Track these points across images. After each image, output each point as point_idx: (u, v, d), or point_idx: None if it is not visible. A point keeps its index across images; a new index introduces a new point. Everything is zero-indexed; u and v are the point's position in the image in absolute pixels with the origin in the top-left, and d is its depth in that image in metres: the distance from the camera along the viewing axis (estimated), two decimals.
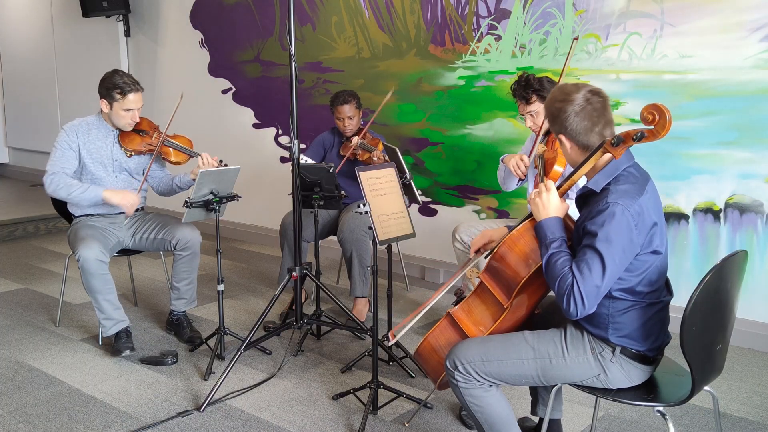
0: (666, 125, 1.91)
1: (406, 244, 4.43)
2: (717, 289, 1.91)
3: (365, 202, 2.58)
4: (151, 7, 6.41)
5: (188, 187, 3.57)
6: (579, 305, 1.89)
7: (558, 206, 2.06)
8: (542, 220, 2.05)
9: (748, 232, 3.53)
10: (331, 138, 4.20)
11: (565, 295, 1.91)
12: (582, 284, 1.89)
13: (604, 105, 2.03)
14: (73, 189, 3.37)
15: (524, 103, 3.25)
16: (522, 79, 3.25)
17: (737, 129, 3.49)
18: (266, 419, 2.80)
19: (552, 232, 2.01)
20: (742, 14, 3.41)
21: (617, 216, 1.89)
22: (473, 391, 2.10)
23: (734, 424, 2.79)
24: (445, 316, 2.29)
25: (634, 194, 1.93)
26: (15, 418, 2.79)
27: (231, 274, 4.89)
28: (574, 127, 2.02)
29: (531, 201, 2.12)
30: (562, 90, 2.06)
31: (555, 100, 2.06)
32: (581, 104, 2.01)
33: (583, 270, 1.90)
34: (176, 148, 3.57)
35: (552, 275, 1.96)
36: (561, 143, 2.10)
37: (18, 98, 8.37)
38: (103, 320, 3.35)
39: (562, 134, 2.06)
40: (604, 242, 1.88)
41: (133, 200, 3.44)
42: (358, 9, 4.87)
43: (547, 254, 1.99)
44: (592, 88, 2.04)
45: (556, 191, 2.08)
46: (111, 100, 3.41)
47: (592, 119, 2.01)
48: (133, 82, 3.42)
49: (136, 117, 3.48)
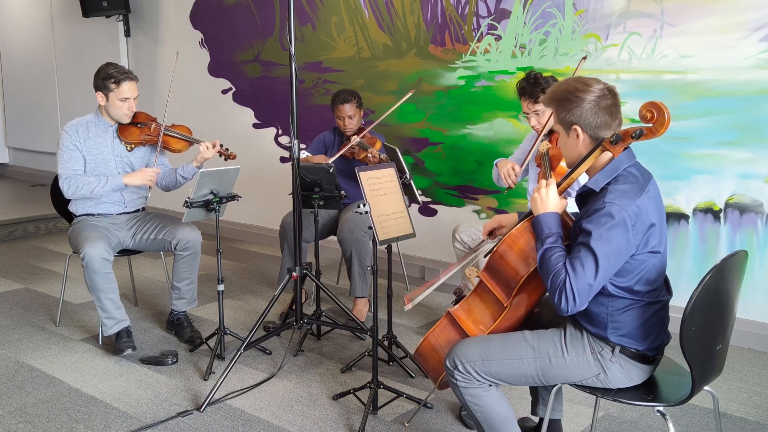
0: (665, 123, 1.90)
1: (406, 244, 4.43)
2: (717, 289, 1.91)
3: (365, 202, 2.58)
4: (151, 7, 6.41)
5: (192, 176, 3.59)
6: (570, 302, 1.89)
7: (556, 202, 2.05)
8: (540, 215, 2.04)
9: (748, 232, 3.53)
10: (331, 137, 4.21)
11: (557, 291, 1.91)
12: (574, 281, 1.88)
13: (618, 102, 2.01)
14: (94, 185, 3.40)
15: (531, 102, 3.21)
16: (531, 77, 3.21)
17: (737, 129, 3.49)
18: (266, 419, 2.80)
19: (548, 227, 2.01)
20: (742, 14, 3.41)
21: (614, 216, 1.88)
22: (473, 391, 2.10)
23: (734, 424, 2.79)
24: (445, 315, 2.29)
25: (633, 195, 1.92)
26: (15, 418, 2.79)
27: (231, 274, 4.89)
28: (593, 120, 1.98)
29: (531, 197, 2.11)
30: (580, 80, 2.02)
31: (574, 89, 2.00)
32: (600, 96, 1.97)
33: (577, 267, 1.90)
34: (176, 136, 3.58)
35: (546, 270, 1.96)
36: (569, 135, 2.04)
37: (18, 98, 8.37)
38: (105, 319, 3.35)
39: (577, 125, 2.01)
40: (598, 241, 1.88)
41: (151, 174, 3.48)
42: (358, 9, 4.87)
43: (542, 249, 1.98)
44: (608, 85, 2.01)
45: (555, 187, 2.07)
46: (106, 91, 3.43)
47: (612, 114, 1.98)
48: (127, 71, 3.46)
49: (133, 107, 3.50)
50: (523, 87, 3.24)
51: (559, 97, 2.03)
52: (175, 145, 3.59)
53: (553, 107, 2.06)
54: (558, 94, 2.04)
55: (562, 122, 2.05)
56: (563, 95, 2.02)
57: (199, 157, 3.51)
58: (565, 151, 2.11)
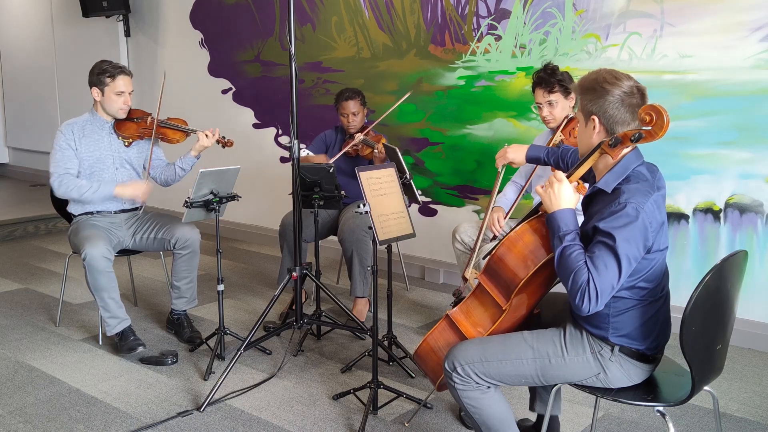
0: (664, 126, 1.89)
1: (406, 244, 4.43)
2: (717, 289, 1.91)
3: (365, 202, 2.58)
4: (151, 7, 6.41)
5: (191, 167, 3.60)
6: (592, 302, 1.84)
7: (572, 197, 1.99)
8: (555, 212, 1.98)
9: (748, 232, 3.53)
10: (333, 135, 4.22)
11: (579, 291, 1.85)
12: (598, 281, 1.84)
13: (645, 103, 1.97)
14: (84, 190, 3.40)
15: (546, 91, 3.26)
16: (548, 68, 3.28)
17: (737, 129, 3.49)
18: (266, 419, 2.80)
19: (566, 224, 1.95)
20: (742, 14, 3.41)
21: (632, 215, 1.86)
22: (470, 394, 2.09)
23: (734, 424, 2.79)
24: (444, 317, 2.29)
25: (647, 193, 1.91)
26: (15, 418, 2.79)
27: (231, 274, 4.89)
28: (613, 113, 1.96)
29: (541, 193, 2.04)
30: (612, 72, 1.99)
31: (603, 80, 1.97)
32: (628, 92, 1.95)
33: (600, 266, 1.85)
34: (172, 127, 3.60)
35: (566, 269, 1.90)
36: (587, 124, 2.02)
37: (18, 98, 8.37)
38: (108, 318, 3.35)
39: (596, 116, 1.98)
40: (621, 241, 1.85)
41: (143, 188, 3.49)
42: (358, 9, 4.87)
43: (561, 246, 1.92)
44: (639, 84, 1.99)
45: (568, 182, 2.00)
46: (102, 85, 3.48)
47: (633, 112, 1.96)
48: (121, 66, 3.53)
49: (129, 101, 3.54)
50: (540, 77, 3.30)
51: (586, 85, 2.02)
52: (172, 136, 3.61)
53: (579, 94, 2.04)
54: (586, 81, 2.02)
55: (584, 110, 2.04)
56: (591, 84, 2.00)
57: (198, 146, 3.53)
58: (580, 141, 2.09)
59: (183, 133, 3.62)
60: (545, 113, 3.30)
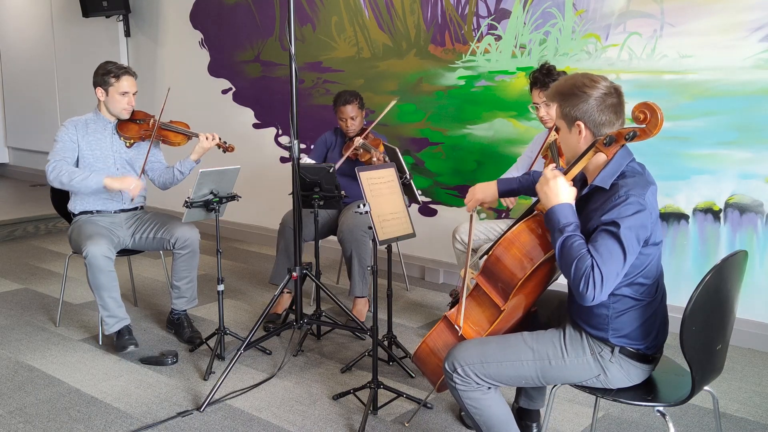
0: (657, 124, 1.89)
1: (406, 244, 4.43)
2: (717, 289, 1.91)
3: (365, 202, 2.58)
4: (151, 7, 6.41)
5: (189, 171, 3.60)
6: (597, 289, 1.81)
7: (568, 191, 1.98)
8: (555, 206, 1.96)
9: (748, 232, 3.53)
10: (333, 138, 4.21)
11: (582, 278, 1.83)
12: (603, 267, 1.82)
13: (622, 101, 1.99)
14: (75, 175, 3.39)
15: (543, 92, 3.27)
16: (544, 68, 3.30)
17: (737, 129, 3.49)
18: (266, 419, 2.80)
19: (566, 217, 1.94)
20: (742, 14, 3.41)
21: (634, 205, 1.87)
22: (471, 394, 2.09)
23: (734, 424, 2.79)
24: (442, 318, 2.29)
25: (644, 186, 1.92)
26: (15, 418, 2.79)
27: (231, 274, 4.89)
28: (598, 117, 1.96)
29: (538, 190, 2.03)
30: (587, 75, 1.99)
31: (581, 84, 1.97)
32: (607, 93, 1.96)
33: (603, 253, 1.83)
34: (174, 129, 3.60)
35: (568, 257, 1.87)
36: (571, 130, 2.01)
37: (18, 98, 8.37)
38: (107, 317, 3.35)
39: (581, 121, 1.98)
40: (625, 229, 1.84)
41: (134, 182, 3.46)
42: (358, 9, 4.87)
43: (562, 237, 1.90)
44: (614, 83, 1.99)
45: (563, 177, 2.00)
46: (106, 85, 3.49)
47: (616, 113, 1.97)
48: (125, 67, 3.55)
49: (133, 102, 3.55)
50: (536, 77, 3.32)
51: (564, 91, 2.00)
52: (173, 139, 3.62)
53: (558, 101, 2.03)
54: (564, 88, 2.01)
55: (566, 117, 2.02)
56: (569, 89, 1.99)
57: (198, 148, 3.54)
58: (566, 147, 2.08)
59: (184, 136, 3.62)
60: (542, 113, 3.32)
